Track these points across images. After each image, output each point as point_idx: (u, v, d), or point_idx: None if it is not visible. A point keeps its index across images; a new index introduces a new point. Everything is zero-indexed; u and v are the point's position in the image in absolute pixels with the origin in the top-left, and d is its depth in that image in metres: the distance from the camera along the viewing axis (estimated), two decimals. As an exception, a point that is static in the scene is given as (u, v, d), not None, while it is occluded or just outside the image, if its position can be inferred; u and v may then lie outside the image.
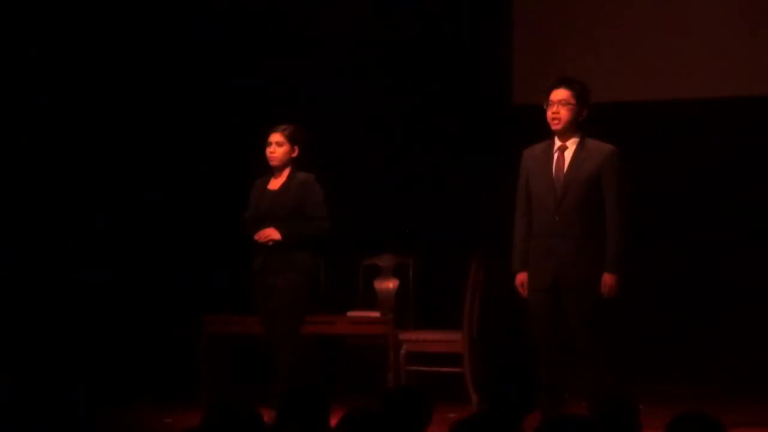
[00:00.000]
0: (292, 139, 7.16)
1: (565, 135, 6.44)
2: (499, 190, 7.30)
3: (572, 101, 6.42)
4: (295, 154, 7.18)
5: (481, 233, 8.74)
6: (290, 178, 7.18)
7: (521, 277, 6.54)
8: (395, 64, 9.48)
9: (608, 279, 6.33)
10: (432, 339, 7.81)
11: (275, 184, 7.22)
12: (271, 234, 7.10)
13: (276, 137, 7.17)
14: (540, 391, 5.30)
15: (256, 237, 7.13)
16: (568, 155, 6.43)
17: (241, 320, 7.71)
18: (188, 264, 9.01)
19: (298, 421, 4.53)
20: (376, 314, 7.88)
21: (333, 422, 4.40)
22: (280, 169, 7.19)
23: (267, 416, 4.79)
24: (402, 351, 7.74)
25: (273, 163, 7.19)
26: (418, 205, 9.32)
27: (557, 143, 6.46)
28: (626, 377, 6.75)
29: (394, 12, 9.46)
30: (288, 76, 9.32)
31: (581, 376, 6.34)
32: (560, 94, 6.43)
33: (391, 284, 8.29)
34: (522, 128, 7.43)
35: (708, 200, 9.05)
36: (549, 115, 6.44)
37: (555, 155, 6.45)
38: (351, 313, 7.90)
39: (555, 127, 6.44)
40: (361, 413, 4.26)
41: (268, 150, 7.18)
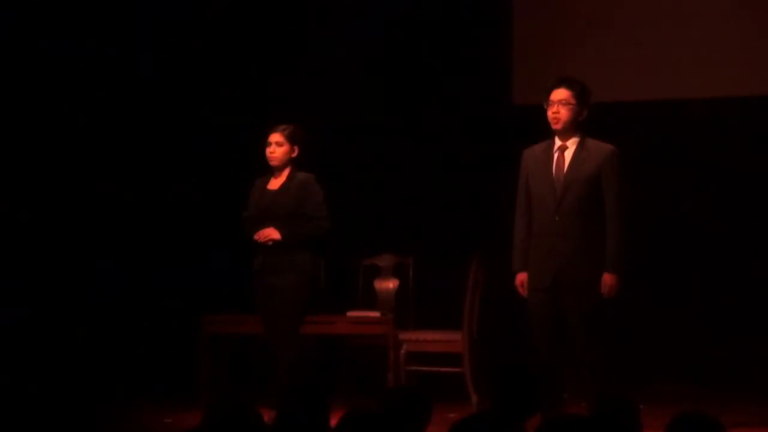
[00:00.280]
0: (292, 139, 7.16)
1: (566, 135, 6.44)
2: (499, 190, 7.30)
3: (572, 101, 6.42)
4: (295, 154, 7.17)
5: (481, 233, 8.74)
6: (290, 178, 7.18)
7: (521, 277, 6.53)
8: (395, 64, 9.48)
9: (608, 279, 6.32)
10: (432, 339, 7.80)
11: (275, 184, 7.21)
12: (271, 234, 7.10)
13: (276, 137, 7.17)
14: (543, 392, 5.29)
15: (256, 237, 7.13)
16: (569, 155, 6.42)
17: (241, 320, 7.70)
18: (188, 264, 9.01)
19: (298, 421, 4.53)
20: (376, 314, 7.87)
21: (333, 422, 4.40)
22: (280, 169, 7.19)
23: (267, 416, 4.79)
24: (402, 351, 7.74)
25: (273, 163, 7.19)
26: (418, 205, 9.32)
27: (557, 143, 6.46)
28: (626, 377, 6.74)
29: (394, 12, 9.47)
30: (288, 76, 9.32)
31: (581, 376, 6.34)
32: (560, 94, 6.43)
33: (391, 284, 8.29)
34: (522, 128, 7.44)
35: (708, 200, 9.04)
36: (549, 115, 6.44)
37: (555, 155, 6.45)
38: (351, 313, 7.89)
39: (555, 127, 6.43)
40: (361, 413, 4.26)
41: (268, 150, 7.17)
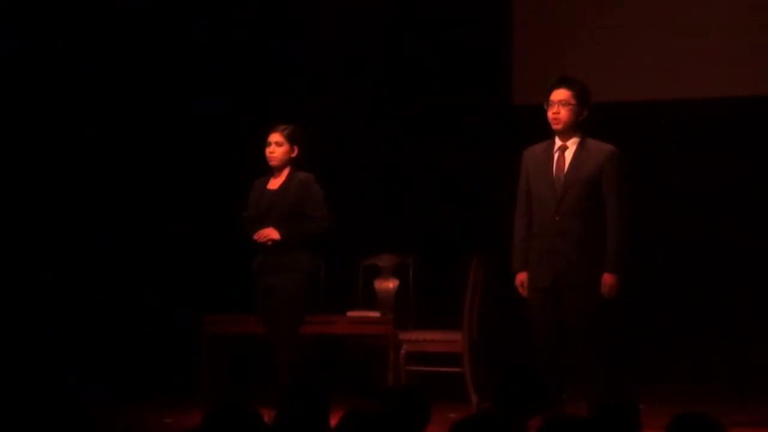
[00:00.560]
0: (292, 139, 7.16)
1: (566, 135, 6.43)
2: (499, 190, 7.30)
3: (573, 101, 6.41)
4: (295, 154, 7.17)
5: (481, 233, 8.74)
6: (290, 178, 7.18)
7: (521, 277, 6.53)
8: (395, 65, 9.48)
9: (608, 279, 6.32)
10: (432, 339, 7.80)
11: (275, 184, 7.21)
12: (271, 234, 7.10)
13: (275, 137, 7.17)
14: (546, 393, 5.29)
15: (256, 237, 7.13)
16: (569, 155, 6.42)
17: (241, 320, 7.69)
18: (188, 264, 9.01)
19: (298, 421, 4.52)
20: (376, 314, 7.87)
21: (333, 422, 4.39)
22: (280, 169, 7.19)
23: (267, 416, 4.78)
24: (402, 351, 7.73)
25: (272, 163, 7.19)
26: (418, 205, 9.32)
27: (558, 143, 6.45)
28: (626, 377, 6.74)
29: (394, 12, 9.46)
30: (288, 76, 9.31)
31: (581, 376, 6.34)
32: (561, 95, 6.42)
33: (391, 284, 8.28)
34: (522, 128, 7.44)
35: (708, 200, 9.04)
36: (549, 116, 6.43)
37: (555, 155, 6.44)
38: (351, 313, 7.88)
39: (555, 128, 6.43)
40: (361, 413, 4.26)
41: (268, 150, 7.17)
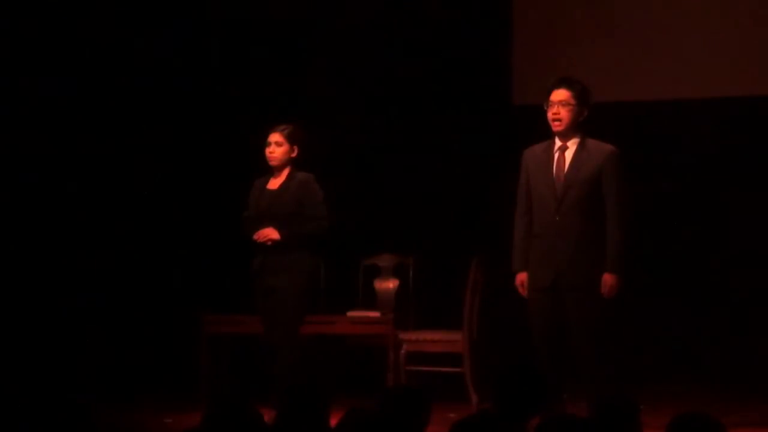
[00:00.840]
0: (292, 139, 7.16)
1: (566, 135, 6.43)
2: (499, 191, 7.30)
3: (573, 102, 6.41)
4: (295, 154, 7.17)
5: (481, 233, 8.74)
6: (290, 178, 7.17)
7: (521, 277, 6.53)
8: (395, 65, 9.48)
9: (608, 279, 6.32)
10: (432, 339, 7.80)
11: (274, 184, 7.21)
12: (271, 234, 7.09)
13: (275, 137, 7.16)
14: (546, 393, 5.29)
15: (256, 237, 7.13)
16: (569, 155, 6.42)
17: (241, 320, 7.70)
18: (188, 264, 9.00)
19: (298, 421, 4.52)
20: (376, 314, 7.87)
21: (333, 422, 4.40)
22: (280, 169, 7.19)
23: (267, 416, 4.78)
24: (402, 351, 7.74)
25: (272, 163, 7.19)
26: (418, 205, 9.32)
27: (558, 143, 6.45)
28: (626, 377, 6.74)
29: (394, 12, 9.46)
30: (288, 76, 9.31)
31: (581, 376, 6.34)
32: (561, 95, 6.42)
33: (391, 284, 8.28)
34: (522, 128, 7.43)
35: (708, 200, 9.04)
36: (549, 116, 6.43)
37: (555, 155, 6.44)
38: (351, 313, 7.89)
39: (556, 128, 6.42)
40: (361, 413, 4.26)
41: (268, 150, 7.17)
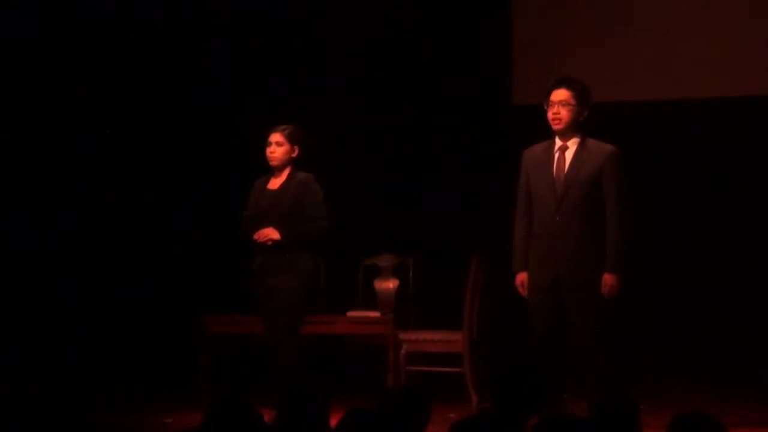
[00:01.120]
0: (292, 139, 7.16)
1: (566, 135, 6.43)
2: (499, 191, 7.30)
3: (573, 102, 6.40)
4: (295, 154, 7.17)
5: (481, 233, 8.74)
6: (290, 178, 7.17)
7: (521, 277, 6.53)
8: (395, 64, 9.48)
9: (609, 279, 6.32)
10: (432, 339, 7.80)
11: (275, 184, 7.21)
12: (271, 234, 7.09)
13: (276, 137, 7.16)
14: (544, 393, 5.29)
15: (256, 237, 7.13)
16: (569, 155, 6.41)
17: (241, 320, 7.70)
18: (188, 264, 9.00)
19: (298, 421, 4.52)
20: (376, 314, 7.87)
21: (333, 422, 4.40)
22: (280, 169, 7.19)
23: (267, 416, 4.78)
24: (402, 351, 7.74)
25: (273, 163, 7.18)
26: (418, 205, 9.32)
27: (558, 143, 6.45)
28: (626, 377, 6.74)
29: (394, 12, 9.46)
30: (288, 76, 9.32)
31: (581, 376, 6.34)
32: (561, 95, 6.42)
33: (391, 284, 8.29)
34: (522, 128, 7.43)
35: (708, 200, 9.04)
36: (550, 116, 6.43)
37: (556, 155, 6.44)
38: (351, 313, 7.89)
39: (556, 128, 6.42)
40: (361, 413, 4.26)
41: (268, 150, 7.17)
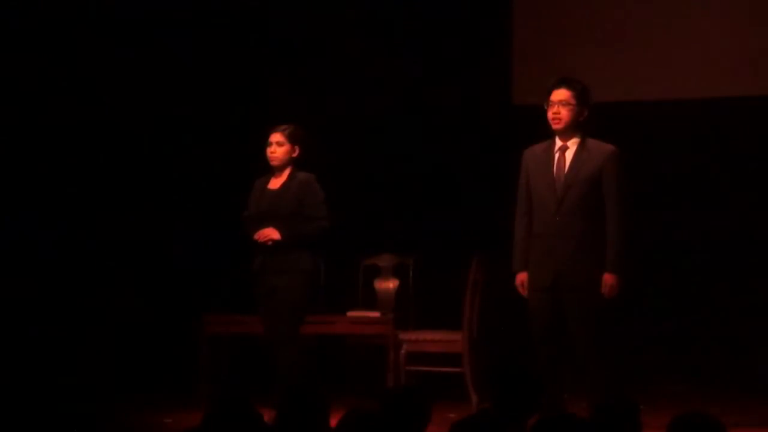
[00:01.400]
0: (293, 139, 7.16)
1: (566, 135, 6.43)
2: (499, 190, 7.30)
3: (573, 101, 6.40)
4: (296, 154, 7.17)
5: (481, 233, 8.74)
6: (290, 178, 7.17)
7: (521, 277, 6.53)
8: (395, 64, 9.48)
9: (609, 279, 6.32)
10: (432, 339, 7.80)
11: (275, 184, 7.21)
12: (271, 234, 7.09)
13: (276, 137, 7.16)
14: (543, 392, 5.30)
15: (256, 237, 7.13)
16: (569, 155, 6.41)
17: (241, 320, 7.70)
18: (188, 264, 9.00)
19: (298, 421, 4.53)
20: (376, 314, 7.88)
21: (333, 422, 4.40)
22: (281, 169, 7.19)
23: (267, 416, 4.79)
24: (402, 351, 7.74)
25: (273, 163, 7.18)
26: (418, 205, 9.32)
27: (558, 143, 6.45)
28: (626, 377, 6.74)
29: (394, 12, 9.47)
30: (288, 77, 9.32)
31: (581, 376, 6.34)
32: (561, 95, 6.41)
33: (391, 284, 8.29)
34: (522, 128, 7.43)
35: (708, 200, 9.04)
36: (550, 116, 6.42)
37: (556, 155, 6.44)
38: (351, 313, 7.89)
39: (556, 128, 6.42)
40: (361, 413, 4.27)
41: (269, 150, 7.17)
